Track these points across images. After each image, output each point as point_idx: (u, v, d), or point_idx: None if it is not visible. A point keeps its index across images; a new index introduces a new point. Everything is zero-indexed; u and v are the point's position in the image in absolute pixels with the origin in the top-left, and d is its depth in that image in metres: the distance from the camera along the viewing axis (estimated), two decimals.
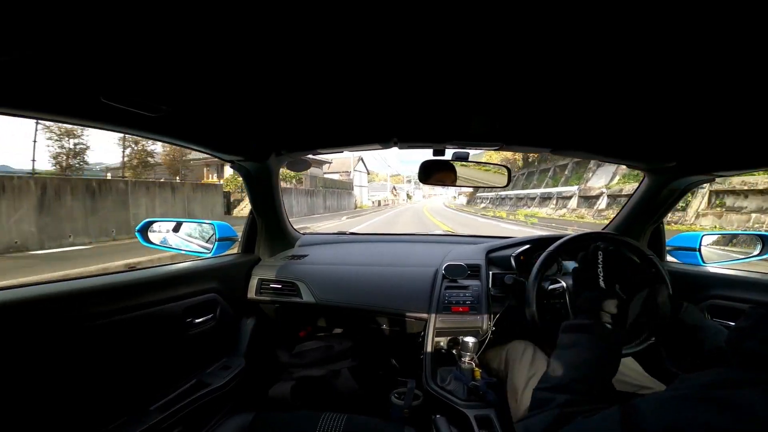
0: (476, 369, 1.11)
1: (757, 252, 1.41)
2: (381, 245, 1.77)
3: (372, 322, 1.58)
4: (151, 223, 1.43)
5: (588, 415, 0.54)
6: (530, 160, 27.36)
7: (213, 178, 19.28)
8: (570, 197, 19.18)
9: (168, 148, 16.69)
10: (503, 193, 28.51)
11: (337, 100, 0.87)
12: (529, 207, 23.39)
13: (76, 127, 12.56)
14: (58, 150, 13.38)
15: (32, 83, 0.62)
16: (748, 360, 0.47)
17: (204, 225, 1.50)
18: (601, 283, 0.75)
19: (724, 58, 0.57)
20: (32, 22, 0.48)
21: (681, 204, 10.71)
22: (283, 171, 1.57)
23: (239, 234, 1.52)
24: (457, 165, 1.28)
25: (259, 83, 0.77)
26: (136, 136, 0.95)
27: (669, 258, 1.42)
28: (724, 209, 10.45)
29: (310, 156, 1.43)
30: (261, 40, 0.58)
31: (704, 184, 1.25)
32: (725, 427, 0.39)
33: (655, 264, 1.03)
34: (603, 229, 1.61)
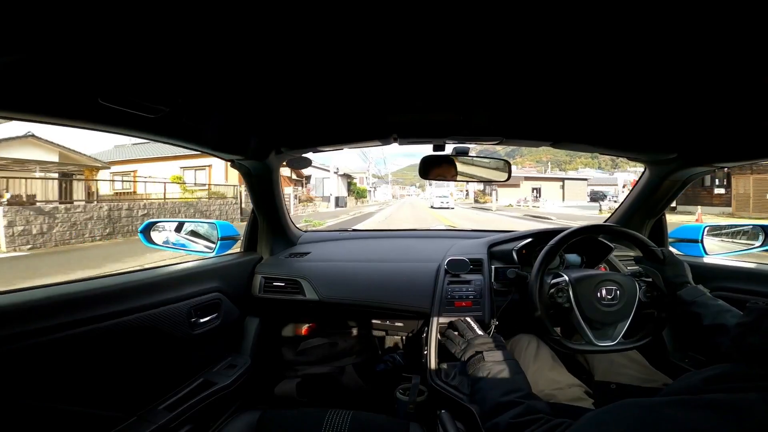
0: None
1: (759, 243, 1.40)
2: (383, 241, 1.77)
3: (375, 318, 1.59)
4: (154, 223, 1.43)
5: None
6: None
7: None
8: None
9: None
10: None
11: (337, 96, 0.87)
12: None
13: None
14: None
15: (29, 85, 0.61)
16: (752, 356, 0.47)
17: (206, 224, 1.50)
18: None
19: (723, 50, 0.57)
20: (30, 23, 0.47)
21: None
22: None
23: (241, 233, 1.52)
24: (457, 160, 1.28)
25: (258, 81, 0.77)
26: (135, 137, 0.95)
27: (671, 250, 1.42)
28: None
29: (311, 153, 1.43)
30: (260, 38, 0.57)
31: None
32: (723, 431, 0.38)
33: (656, 255, 1.03)
34: (605, 222, 1.61)
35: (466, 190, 54.90)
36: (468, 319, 1.10)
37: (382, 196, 57.60)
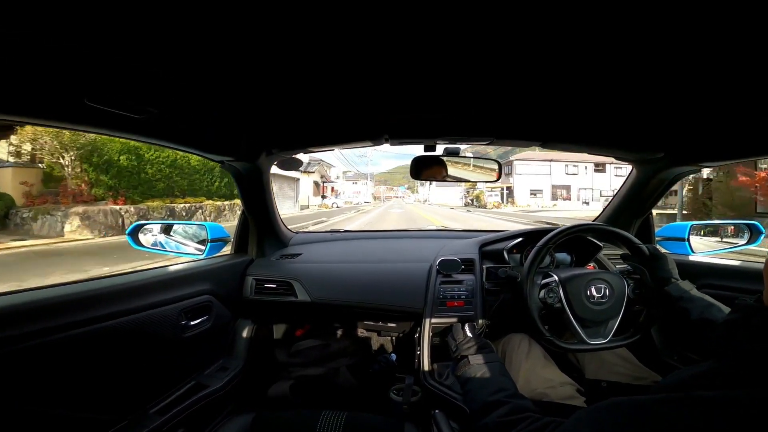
0: None
1: (744, 241, 1.43)
2: (374, 242, 1.77)
3: (368, 319, 1.58)
4: (142, 225, 1.41)
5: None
6: None
7: None
8: None
9: None
10: None
11: (328, 97, 0.87)
12: None
13: None
14: None
15: (14, 86, 0.60)
16: (740, 354, 0.47)
17: (195, 226, 1.49)
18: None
19: (710, 50, 0.58)
20: (15, 23, 0.46)
21: None
22: None
23: (231, 235, 1.51)
24: (448, 160, 1.29)
25: (248, 82, 0.76)
26: (123, 138, 0.94)
27: (656, 246, 1.45)
28: None
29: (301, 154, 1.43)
30: (250, 39, 0.57)
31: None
32: (714, 429, 0.39)
33: (642, 252, 1.04)
34: (593, 221, 1.63)
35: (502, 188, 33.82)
36: (459, 323, 1.11)
37: (355, 197, 42.55)
